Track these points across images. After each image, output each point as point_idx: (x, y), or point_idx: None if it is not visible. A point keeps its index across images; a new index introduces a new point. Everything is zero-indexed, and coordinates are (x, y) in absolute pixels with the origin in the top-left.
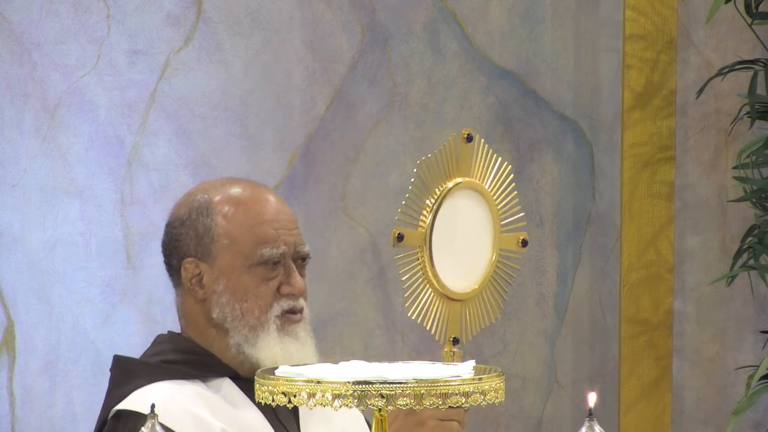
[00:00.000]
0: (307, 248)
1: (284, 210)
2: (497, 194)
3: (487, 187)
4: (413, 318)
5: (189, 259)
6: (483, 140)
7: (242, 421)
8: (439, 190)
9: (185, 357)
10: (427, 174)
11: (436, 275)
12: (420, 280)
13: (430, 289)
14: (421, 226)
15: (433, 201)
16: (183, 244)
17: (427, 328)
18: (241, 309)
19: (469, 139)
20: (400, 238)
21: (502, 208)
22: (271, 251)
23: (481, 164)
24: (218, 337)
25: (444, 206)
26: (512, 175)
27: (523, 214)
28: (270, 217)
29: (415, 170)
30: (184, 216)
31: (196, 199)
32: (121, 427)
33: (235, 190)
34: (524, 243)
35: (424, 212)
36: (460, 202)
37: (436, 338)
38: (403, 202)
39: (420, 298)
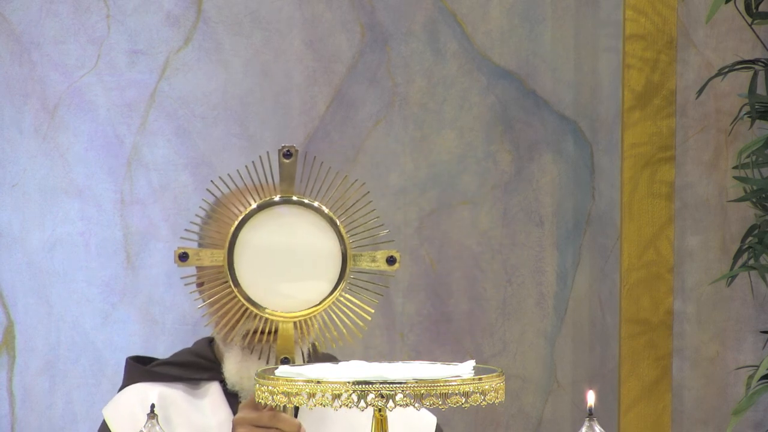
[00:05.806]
0: None
1: None
2: (343, 211)
3: (322, 205)
4: (219, 338)
5: None
6: (315, 157)
7: (197, 425)
8: (244, 207)
9: (188, 359)
10: (229, 191)
11: (244, 294)
12: (225, 299)
13: (242, 309)
14: (220, 244)
15: (238, 217)
16: None
17: (242, 348)
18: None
19: (287, 155)
20: (183, 257)
21: (352, 225)
22: None
23: (316, 181)
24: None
25: (258, 224)
26: (368, 192)
27: (388, 231)
28: None
29: (207, 189)
30: None
31: None
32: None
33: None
34: (391, 260)
35: (228, 230)
36: (287, 219)
37: (258, 358)
38: (191, 222)
39: (227, 317)
